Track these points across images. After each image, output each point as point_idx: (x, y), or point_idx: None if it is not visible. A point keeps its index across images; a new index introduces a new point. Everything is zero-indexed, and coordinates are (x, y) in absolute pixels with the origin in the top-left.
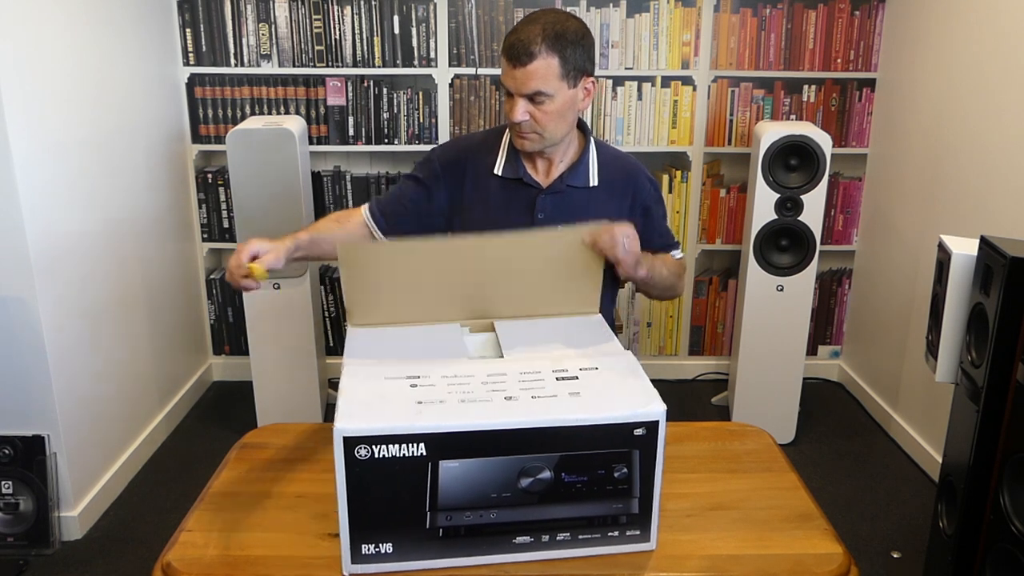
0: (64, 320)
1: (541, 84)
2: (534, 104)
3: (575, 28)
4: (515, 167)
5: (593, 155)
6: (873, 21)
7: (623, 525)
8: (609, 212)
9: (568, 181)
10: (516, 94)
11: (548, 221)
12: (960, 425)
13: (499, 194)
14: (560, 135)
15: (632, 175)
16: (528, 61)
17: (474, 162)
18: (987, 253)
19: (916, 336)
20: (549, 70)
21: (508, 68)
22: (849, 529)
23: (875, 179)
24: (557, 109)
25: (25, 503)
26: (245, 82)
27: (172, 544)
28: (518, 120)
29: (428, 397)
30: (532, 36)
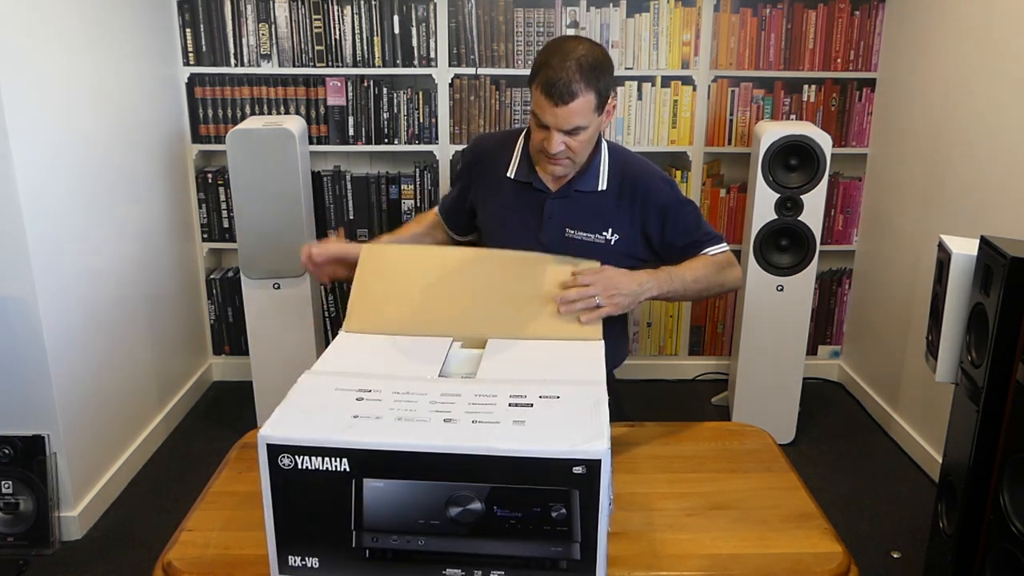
0: (64, 320)
1: (580, 120)
2: (570, 136)
3: (602, 57)
4: (527, 171)
5: (604, 159)
6: (873, 21)
7: (564, 571)
8: (617, 215)
9: (576, 186)
10: (555, 128)
11: (555, 222)
12: (960, 425)
13: (511, 196)
14: (583, 158)
15: (642, 178)
16: (570, 100)
17: (492, 162)
18: (987, 253)
19: (916, 336)
20: (588, 106)
21: (548, 105)
22: (849, 529)
23: (875, 179)
24: (589, 138)
25: (25, 503)
26: (245, 82)
27: (173, 543)
28: (555, 152)
29: (367, 412)
30: (571, 74)
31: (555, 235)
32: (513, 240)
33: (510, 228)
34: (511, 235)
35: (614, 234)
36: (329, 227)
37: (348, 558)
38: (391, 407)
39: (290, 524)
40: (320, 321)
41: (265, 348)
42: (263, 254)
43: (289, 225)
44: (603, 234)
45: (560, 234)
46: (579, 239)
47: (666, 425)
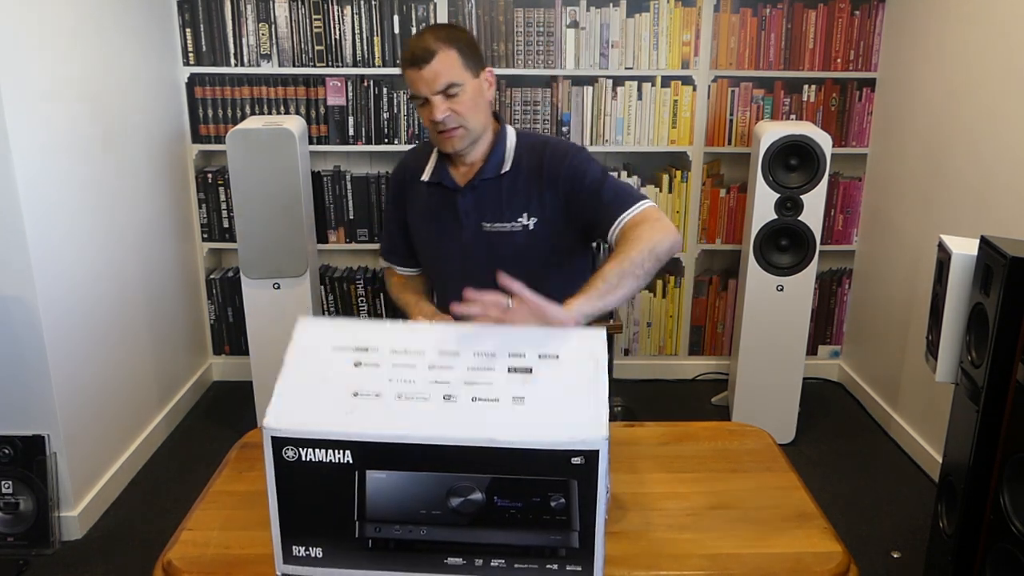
0: (64, 320)
1: (449, 75)
2: (450, 99)
3: (460, 29)
4: (439, 172)
5: (510, 143)
6: (873, 21)
7: (563, 559)
8: (529, 196)
9: (482, 175)
10: (430, 95)
11: (471, 218)
12: (960, 425)
13: (427, 200)
14: (481, 125)
15: (547, 148)
16: (431, 58)
17: (410, 173)
18: (987, 253)
19: (916, 336)
20: (452, 61)
21: (415, 73)
22: (849, 529)
23: (875, 179)
24: (471, 98)
25: (25, 503)
26: (245, 82)
27: (173, 543)
28: (440, 117)
29: (366, 387)
30: (425, 39)
31: (474, 231)
32: (439, 246)
33: (434, 234)
34: (436, 242)
35: (531, 218)
36: (329, 227)
37: (351, 548)
38: (390, 375)
39: (294, 514)
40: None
41: (265, 348)
42: (263, 254)
43: (289, 225)
44: (519, 220)
45: (478, 229)
46: (496, 230)
47: (666, 425)
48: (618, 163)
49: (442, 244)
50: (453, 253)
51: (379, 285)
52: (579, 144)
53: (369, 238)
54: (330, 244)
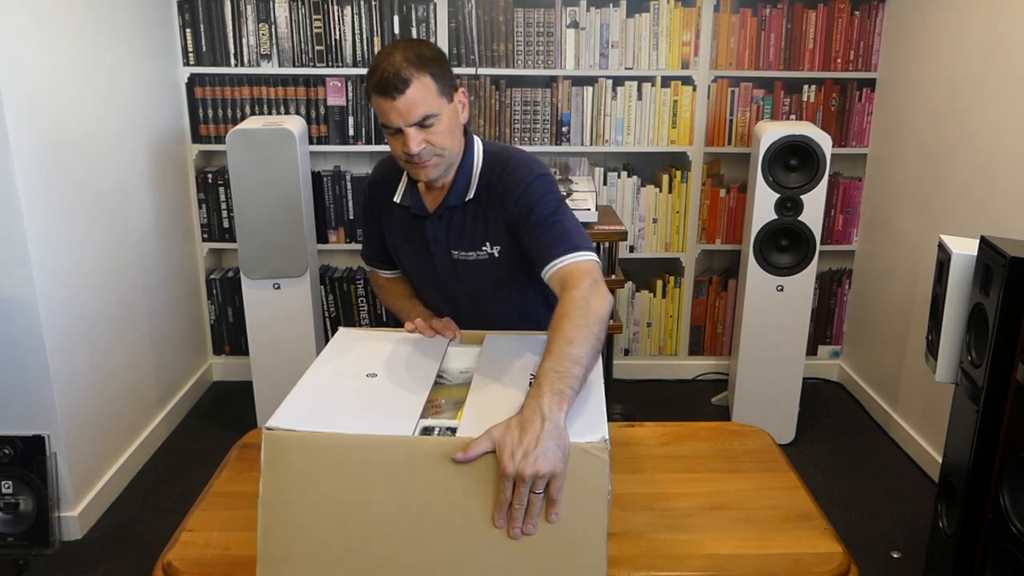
0: (64, 320)
1: (426, 107)
2: (425, 130)
3: (429, 48)
4: (410, 195)
5: (477, 164)
6: (873, 21)
7: None
8: (490, 224)
9: (448, 202)
10: (405, 126)
11: (441, 246)
12: (960, 425)
13: (400, 222)
14: (457, 150)
15: (505, 173)
16: (404, 88)
17: (384, 189)
18: (987, 253)
19: (916, 336)
20: (426, 90)
21: (387, 103)
22: (849, 529)
23: (875, 179)
24: (447, 127)
25: (25, 503)
26: (245, 82)
27: (173, 544)
28: (416, 151)
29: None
30: (397, 64)
31: (444, 259)
32: (414, 268)
33: (408, 256)
34: (411, 263)
35: (494, 246)
36: (329, 227)
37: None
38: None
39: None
40: (320, 321)
41: (265, 348)
42: (263, 254)
43: (289, 225)
44: (484, 248)
45: (448, 257)
46: (465, 259)
47: (666, 425)
48: (618, 163)
49: (416, 265)
50: (427, 274)
51: None
52: (539, 168)
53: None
54: (330, 244)
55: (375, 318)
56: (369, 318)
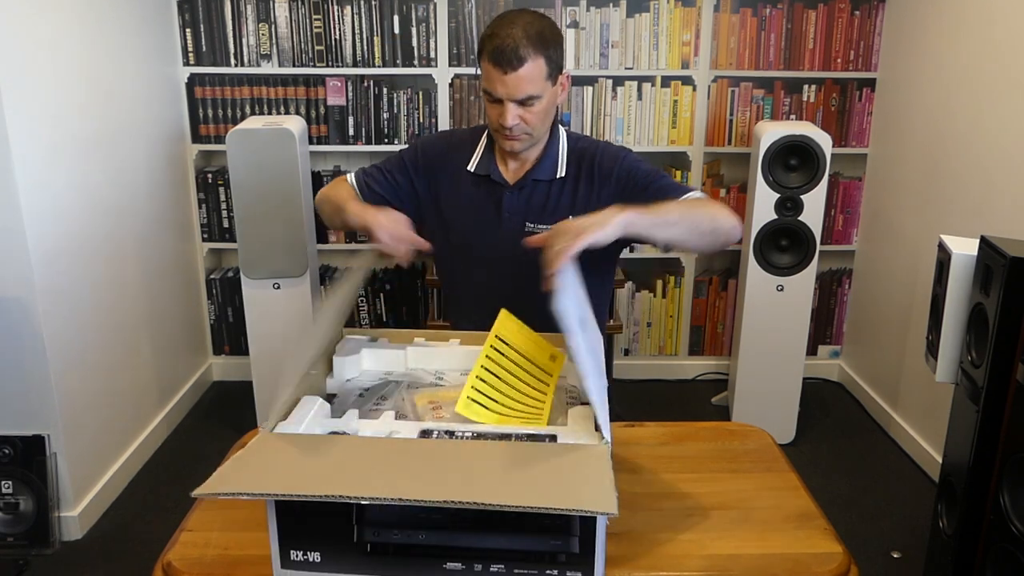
0: (64, 320)
1: (532, 88)
2: (524, 107)
3: (550, 27)
4: (487, 164)
5: (563, 146)
6: (873, 21)
7: (562, 564)
8: (578, 202)
9: (534, 175)
10: (507, 99)
11: (516, 216)
12: (960, 425)
13: (470, 191)
14: (545, 131)
15: (597, 153)
16: (519, 65)
17: (454, 158)
18: (987, 253)
19: (916, 336)
20: (538, 72)
21: (497, 74)
22: (849, 529)
23: (875, 179)
24: (544, 109)
25: (25, 503)
26: (245, 82)
27: (173, 544)
28: (511, 124)
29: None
30: (517, 39)
31: (515, 229)
32: (473, 235)
33: (469, 223)
34: (471, 230)
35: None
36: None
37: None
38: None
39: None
40: None
41: (265, 348)
42: (263, 254)
43: (289, 225)
44: None
45: (520, 228)
46: (540, 231)
47: (666, 425)
48: None
49: (476, 236)
50: (486, 247)
51: (379, 285)
52: (625, 148)
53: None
54: (330, 244)
55: (375, 318)
56: (369, 318)
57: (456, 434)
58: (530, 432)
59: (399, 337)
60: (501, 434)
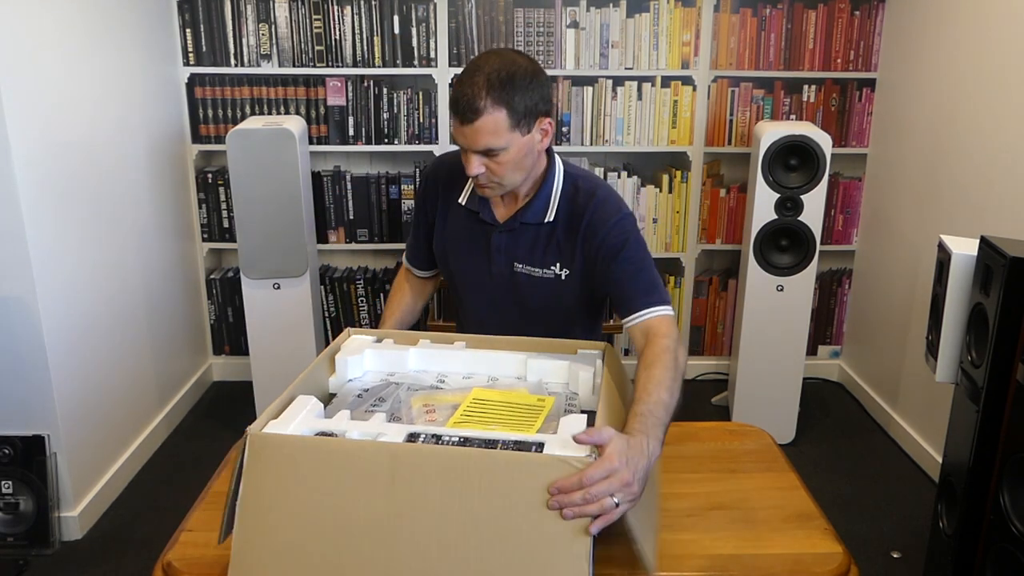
0: (64, 320)
1: (491, 140)
2: (488, 158)
3: (523, 71)
4: (476, 200)
5: (557, 186)
6: (873, 21)
7: None
8: (565, 250)
9: (523, 218)
10: (469, 149)
11: (503, 257)
12: (960, 425)
13: (462, 224)
14: (520, 180)
15: (584, 206)
16: (474, 118)
17: (447, 186)
18: (987, 253)
19: (916, 336)
20: (497, 124)
21: (456, 124)
22: (849, 529)
23: (875, 179)
24: (512, 159)
25: (25, 503)
26: (245, 82)
27: (173, 544)
28: (474, 173)
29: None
30: (476, 90)
31: (504, 269)
32: (465, 272)
33: (462, 257)
34: (462, 265)
35: (563, 269)
36: (329, 227)
37: None
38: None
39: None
40: (320, 321)
41: (265, 348)
42: (263, 254)
43: (289, 225)
44: (551, 268)
45: (509, 268)
46: (527, 273)
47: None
48: (618, 163)
49: (468, 268)
50: (478, 279)
51: (379, 285)
52: (624, 206)
53: (369, 238)
54: (330, 244)
55: (375, 318)
56: (369, 318)
57: (443, 439)
58: (516, 439)
59: (405, 339)
60: (487, 440)
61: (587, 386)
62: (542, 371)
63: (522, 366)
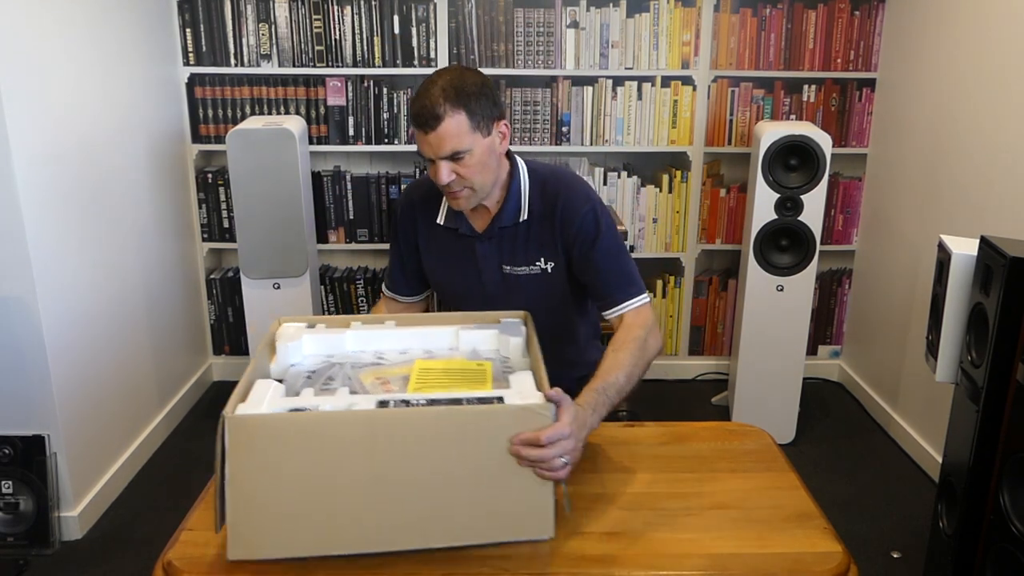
0: (64, 320)
1: (456, 143)
2: (455, 163)
3: (472, 81)
4: (454, 217)
5: (524, 187)
6: (873, 21)
7: None
8: (546, 243)
9: (500, 223)
10: (436, 158)
11: (491, 261)
12: (960, 425)
13: (445, 243)
14: (490, 183)
15: (561, 203)
16: (436, 124)
17: (423, 210)
18: (987, 253)
19: (916, 336)
20: (460, 127)
21: (421, 136)
22: (849, 529)
23: (875, 179)
24: (479, 161)
25: (25, 503)
26: (245, 82)
27: (173, 543)
28: (445, 182)
29: None
30: (434, 100)
31: (494, 274)
32: (459, 285)
33: (453, 274)
34: (455, 281)
35: (548, 262)
36: (329, 227)
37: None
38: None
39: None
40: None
41: None
42: (263, 254)
43: (289, 225)
44: (537, 264)
45: (499, 272)
46: (516, 273)
47: (666, 425)
48: (618, 163)
49: (461, 282)
50: (474, 294)
51: (379, 285)
52: (594, 193)
53: (369, 238)
54: (330, 244)
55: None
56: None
57: (411, 402)
58: (480, 396)
59: (337, 323)
60: (452, 399)
61: (518, 350)
62: (473, 341)
63: (453, 338)
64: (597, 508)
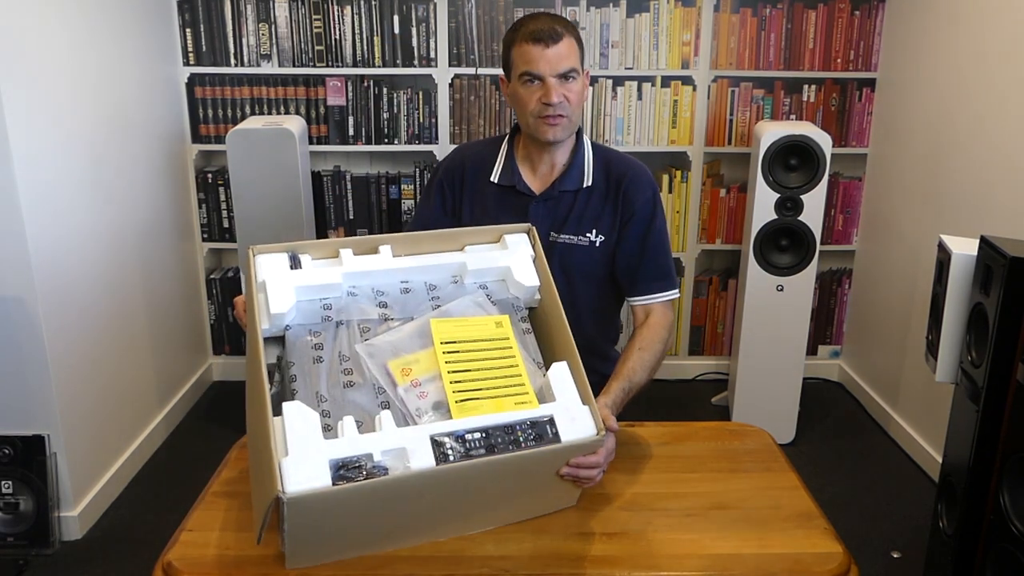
0: (64, 320)
1: (570, 62)
2: (563, 86)
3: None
4: (510, 175)
5: (588, 155)
6: (873, 21)
7: None
8: (601, 215)
9: (562, 186)
10: (549, 75)
11: (541, 226)
12: (960, 425)
13: (495, 202)
14: (578, 120)
15: (629, 178)
16: (559, 39)
17: (473, 170)
18: (987, 253)
19: (916, 336)
20: (572, 49)
21: (538, 50)
22: (849, 529)
23: (875, 179)
24: (579, 91)
25: (25, 503)
26: (245, 82)
27: (173, 544)
28: (556, 99)
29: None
30: (553, 21)
31: (541, 239)
32: None
33: None
34: None
35: (598, 235)
36: (329, 227)
37: None
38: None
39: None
40: None
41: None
42: None
43: (289, 225)
44: (587, 235)
45: (546, 239)
46: (563, 242)
47: (666, 425)
48: None
49: None
50: None
51: None
52: (656, 184)
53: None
54: None
55: None
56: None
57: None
58: (530, 419)
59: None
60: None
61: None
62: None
63: (457, 268)
64: (597, 508)
